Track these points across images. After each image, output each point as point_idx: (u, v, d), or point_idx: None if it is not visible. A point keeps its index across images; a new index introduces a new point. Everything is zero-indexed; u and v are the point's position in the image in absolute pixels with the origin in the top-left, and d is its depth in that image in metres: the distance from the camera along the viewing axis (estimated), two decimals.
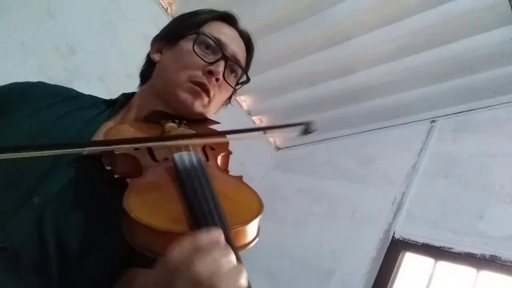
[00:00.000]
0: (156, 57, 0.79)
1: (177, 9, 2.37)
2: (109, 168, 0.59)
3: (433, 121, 2.38)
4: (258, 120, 3.03)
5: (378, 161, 2.43)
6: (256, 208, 0.50)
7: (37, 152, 0.47)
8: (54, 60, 1.96)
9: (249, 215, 0.47)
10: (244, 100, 2.88)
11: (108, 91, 2.05)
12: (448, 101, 2.29)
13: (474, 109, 2.23)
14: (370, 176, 2.39)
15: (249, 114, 2.97)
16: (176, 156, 0.54)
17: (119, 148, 0.57)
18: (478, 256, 1.72)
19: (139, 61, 0.89)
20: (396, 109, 2.46)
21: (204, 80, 0.72)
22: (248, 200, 0.53)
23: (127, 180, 0.51)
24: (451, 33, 1.95)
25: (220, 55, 0.74)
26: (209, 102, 0.75)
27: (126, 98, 0.81)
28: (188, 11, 0.88)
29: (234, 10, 0.86)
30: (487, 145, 2.05)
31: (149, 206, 0.46)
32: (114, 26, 2.15)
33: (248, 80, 0.85)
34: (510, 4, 1.73)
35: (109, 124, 0.72)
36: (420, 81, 2.25)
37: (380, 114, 2.52)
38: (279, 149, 3.15)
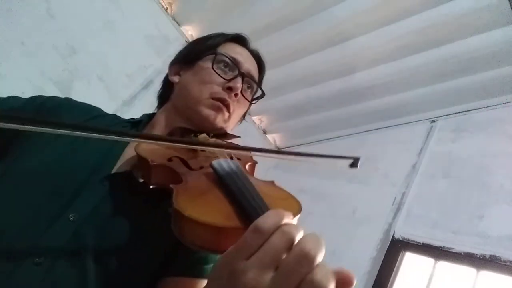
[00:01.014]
0: (175, 79, 0.84)
1: (177, 9, 2.37)
2: (142, 180, 0.62)
3: (433, 121, 2.38)
4: (258, 120, 3.03)
5: (378, 161, 2.43)
6: (296, 206, 0.53)
7: (85, 133, 0.49)
8: (54, 60, 1.96)
9: (291, 212, 0.48)
10: None
11: (108, 91, 2.06)
12: (448, 101, 2.29)
13: (474, 109, 2.24)
14: (370, 176, 2.39)
15: (249, 114, 2.97)
16: (215, 163, 0.57)
17: (155, 160, 0.61)
18: (478, 256, 1.72)
19: (139, 61, 0.90)
20: (396, 109, 2.46)
21: (224, 96, 0.78)
22: (286, 200, 0.56)
23: (171, 186, 0.53)
24: (451, 33, 1.95)
25: (237, 72, 0.80)
26: (229, 117, 0.80)
27: (149, 118, 0.85)
28: (188, 11, 0.91)
29: (234, 10, 0.88)
30: (487, 145, 2.05)
31: (199, 206, 0.48)
32: (114, 26, 2.15)
33: (263, 94, 0.91)
34: (510, 4, 1.73)
35: (133, 145, 0.74)
36: (420, 81, 2.25)
37: (380, 114, 2.53)
38: (279, 149, 3.15)
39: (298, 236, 0.38)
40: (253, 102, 0.90)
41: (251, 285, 0.35)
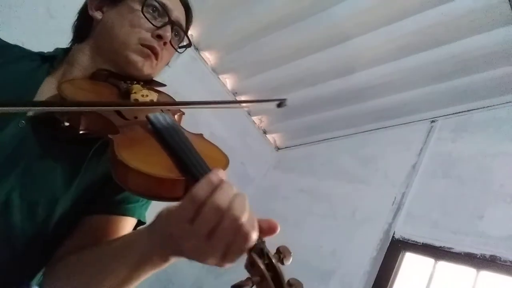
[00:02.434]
0: (97, 15, 0.79)
1: None
2: (68, 124, 0.62)
3: (433, 121, 2.38)
4: (258, 120, 3.03)
5: (378, 161, 2.43)
6: (224, 160, 0.60)
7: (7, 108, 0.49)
8: None
9: (221, 165, 0.57)
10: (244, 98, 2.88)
11: None
12: (448, 101, 2.29)
13: (474, 109, 2.23)
14: (370, 176, 2.39)
15: (249, 114, 2.97)
16: (152, 116, 0.61)
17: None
18: (478, 256, 1.72)
19: None
20: (396, 109, 2.46)
21: (153, 43, 0.76)
22: (215, 153, 0.63)
23: (109, 136, 0.55)
24: (451, 33, 1.95)
25: (166, 19, 0.78)
26: (156, 64, 0.79)
27: (64, 52, 0.81)
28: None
29: (234, 10, 0.88)
30: (487, 145, 2.05)
31: (141, 157, 0.52)
32: None
33: (189, 44, 0.89)
34: (510, 4, 1.73)
35: (51, 80, 0.73)
36: (420, 81, 2.25)
37: (380, 114, 2.53)
38: (279, 149, 3.15)
39: (229, 201, 0.45)
40: (180, 51, 0.88)
41: (188, 249, 0.45)
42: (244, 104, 2.88)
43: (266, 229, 0.47)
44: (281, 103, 0.69)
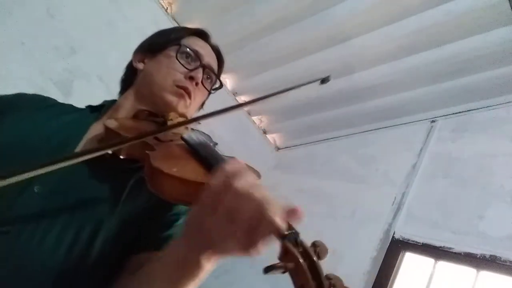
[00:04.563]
0: (139, 66, 0.89)
1: (177, 9, 2.37)
2: (111, 152, 0.66)
3: (433, 121, 2.38)
4: (258, 120, 3.03)
5: (378, 161, 2.43)
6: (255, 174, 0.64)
7: (48, 168, 0.51)
8: (54, 60, 1.96)
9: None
10: (244, 100, 2.88)
11: (108, 91, 2.05)
12: (448, 101, 2.29)
13: (474, 109, 2.23)
14: (370, 176, 2.39)
15: (249, 114, 2.97)
16: (186, 135, 0.68)
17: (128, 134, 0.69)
18: (478, 256, 1.72)
19: None
20: (396, 109, 2.46)
21: (186, 84, 0.84)
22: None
23: (146, 152, 0.60)
24: (451, 33, 1.95)
25: (198, 63, 0.87)
26: (190, 103, 0.87)
27: (111, 103, 0.89)
28: (188, 11, 0.94)
29: (234, 10, 0.91)
30: (487, 145, 2.05)
31: (175, 166, 0.56)
32: (114, 26, 2.15)
33: (221, 85, 0.98)
34: (510, 4, 1.73)
35: (98, 124, 0.79)
36: (420, 81, 2.25)
37: (380, 114, 2.53)
38: (279, 149, 3.15)
39: (249, 182, 0.46)
40: (212, 92, 0.96)
41: (215, 234, 0.46)
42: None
43: (290, 213, 0.47)
44: (324, 80, 0.72)
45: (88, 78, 2.05)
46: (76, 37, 2.02)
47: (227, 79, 2.72)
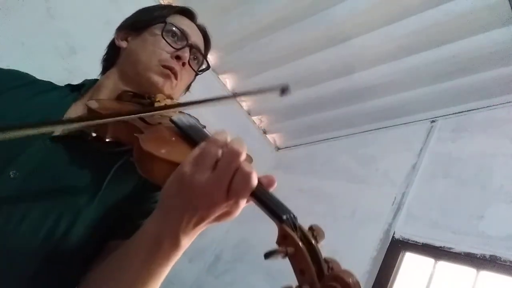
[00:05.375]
0: (122, 44, 0.86)
1: None
2: (95, 134, 0.66)
3: (433, 121, 2.38)
4: (258, 120, 3.03)
5: (378, 161, 2.43)
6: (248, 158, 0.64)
7: (28, 130, 0.51)
8: (54, 60, 1.96)
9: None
10: (244, 100, 2.88)
11: None
12: (448, 101, 2.29)
13: (474, 109, 2.23)
14: (370, 176, 2.39)
15: (249, 114, 2.97)
16: (175, 118, 0.66)
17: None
18: (478, 256, 1.72)
19: None
20: (396, 109, 2.46)
21: (173, 64, 0.81)
22: None
23: (135, 135, 0.58)
24: (451, 33, 1.95)
25: (185, 42, 0.83)
26: (176, 84, 0.84)
27: (92, 83, 0.86)
28: None
29: (234, 10, 0.91)
30: (487, 145, 2.05)
31: (165, 148, 0.55)
32: (114, 26, 2.15)
33: (208, 67, 0.94)
34: (510, 4, 1.73)
35: (79, 104, 0.77)
36: (420, 81, 2.25)
37: (380, 114, 2.53)
38: (279, 149, 3.15)
39: (225, 139, 0.48)
40: (199, 72, 0.93)
41: (198, 182, 0.46)
42: (243, 101, 2.89)
43: (266, 183, 0.51)
44: (284, 90, 0.67)
45: (88, 78, 2.05)
46: (76, 37, 2.02)
47: (227, 79, 2.72)
